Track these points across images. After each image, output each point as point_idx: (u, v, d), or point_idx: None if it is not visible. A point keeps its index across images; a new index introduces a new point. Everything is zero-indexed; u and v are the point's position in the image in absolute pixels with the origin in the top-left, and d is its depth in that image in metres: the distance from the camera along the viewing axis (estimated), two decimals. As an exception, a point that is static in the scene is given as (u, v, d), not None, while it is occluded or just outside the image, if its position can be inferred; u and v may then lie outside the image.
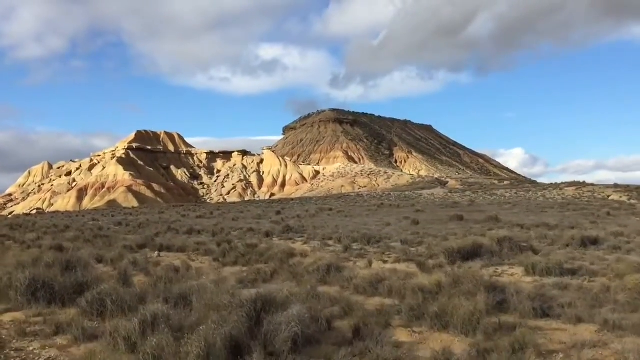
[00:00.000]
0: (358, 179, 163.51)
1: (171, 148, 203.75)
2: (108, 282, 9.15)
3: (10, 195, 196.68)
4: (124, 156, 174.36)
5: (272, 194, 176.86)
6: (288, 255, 13.13)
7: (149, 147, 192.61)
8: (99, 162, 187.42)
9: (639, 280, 8.56)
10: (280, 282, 10.36)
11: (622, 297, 8.24)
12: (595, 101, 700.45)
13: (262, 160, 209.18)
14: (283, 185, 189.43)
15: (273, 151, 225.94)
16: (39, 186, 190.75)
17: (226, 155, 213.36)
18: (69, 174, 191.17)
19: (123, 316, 6.87)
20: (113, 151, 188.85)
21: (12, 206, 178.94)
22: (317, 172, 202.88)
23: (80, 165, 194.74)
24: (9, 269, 8.90)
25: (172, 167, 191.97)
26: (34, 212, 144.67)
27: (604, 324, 6.71)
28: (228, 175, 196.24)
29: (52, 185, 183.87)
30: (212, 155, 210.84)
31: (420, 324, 6.89)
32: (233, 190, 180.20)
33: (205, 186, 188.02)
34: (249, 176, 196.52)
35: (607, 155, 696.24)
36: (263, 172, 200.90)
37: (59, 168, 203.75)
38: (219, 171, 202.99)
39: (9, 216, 58.37)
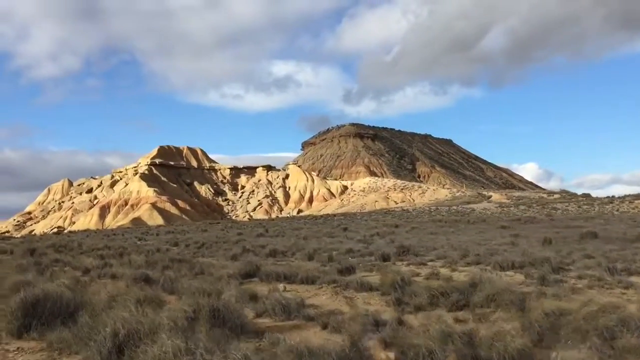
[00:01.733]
0: (391, 193, 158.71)
1: (194, 163, 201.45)
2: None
3: (29, 213, 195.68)
4: (147, 172, 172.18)
5: (300, 210, 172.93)
6: (518, 296, 8.94)
7: (172, 163, 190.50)
8: (120, 179, 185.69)
9: None
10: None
11: None
12: (610, 114, 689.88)
13: (287, 176, 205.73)
14: (310, 200, 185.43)
15: (299, 166, 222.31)
16: (59, 204, 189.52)
17: (250, 170, 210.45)
18: (89, 191, 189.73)
19: None
20: (135, 167, 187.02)
21: (31, 224, 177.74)
22: (345, 187, 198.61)
23: (101, 182, 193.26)
24: (165, 340, 4.85)
25: (196, 183, 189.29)
26: (55, 230, 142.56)
27: None
28: (253, 191, 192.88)
29: (72, 202, 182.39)
30: (235, 171, 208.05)
31: None
32: (259, 207, 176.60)
33: (230, 202, 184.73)
34: (275, 192, 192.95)
35: (623, 169, 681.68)
36: (289, 188, 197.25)
37: (79, 185, 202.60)
38: (243, 187, 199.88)
39: (39, 235, 55.32)
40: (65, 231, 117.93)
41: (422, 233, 32.78)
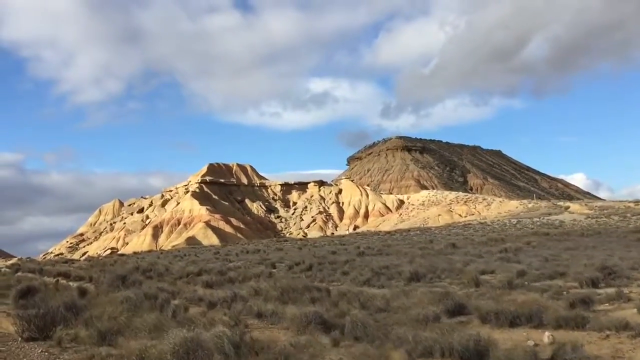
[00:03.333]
0: (454, 206, 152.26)
1: (244, 181, 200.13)
2: None
3: (82, 235, 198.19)
4: (198, 190, 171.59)
5: (356, 226, 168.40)
6: None
7: (222, 180, 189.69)
8: (171, 198, 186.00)
9: None
10: None
11: None
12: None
13: (340, 191, 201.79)
14: (366, 216, 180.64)
15: (352, 180, 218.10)
16: (111, 225, 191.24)
17: (301, 186, 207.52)
18: (141, 210, 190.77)
19: None
20: (186, 185, 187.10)
21: (84, 246, 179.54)
22: (402, 202, 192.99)
23: (152, 202, 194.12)
24: None
25: (247, 201, 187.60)
26: (109, 251, 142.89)
27: None
28: (306, 207, 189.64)
29: (124, 223, 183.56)
30: (286, 187, 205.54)
31: None
32: (313, 223, 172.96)
33: (283, 219, 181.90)
34: (328, 208, 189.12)
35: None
36: (342, 203, 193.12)
37: (130, 205, 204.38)
38: (295, 203, 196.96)
39: (108, 257, 53.12)
40: (119, 251, 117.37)
41: (556, 249, 28.03)
